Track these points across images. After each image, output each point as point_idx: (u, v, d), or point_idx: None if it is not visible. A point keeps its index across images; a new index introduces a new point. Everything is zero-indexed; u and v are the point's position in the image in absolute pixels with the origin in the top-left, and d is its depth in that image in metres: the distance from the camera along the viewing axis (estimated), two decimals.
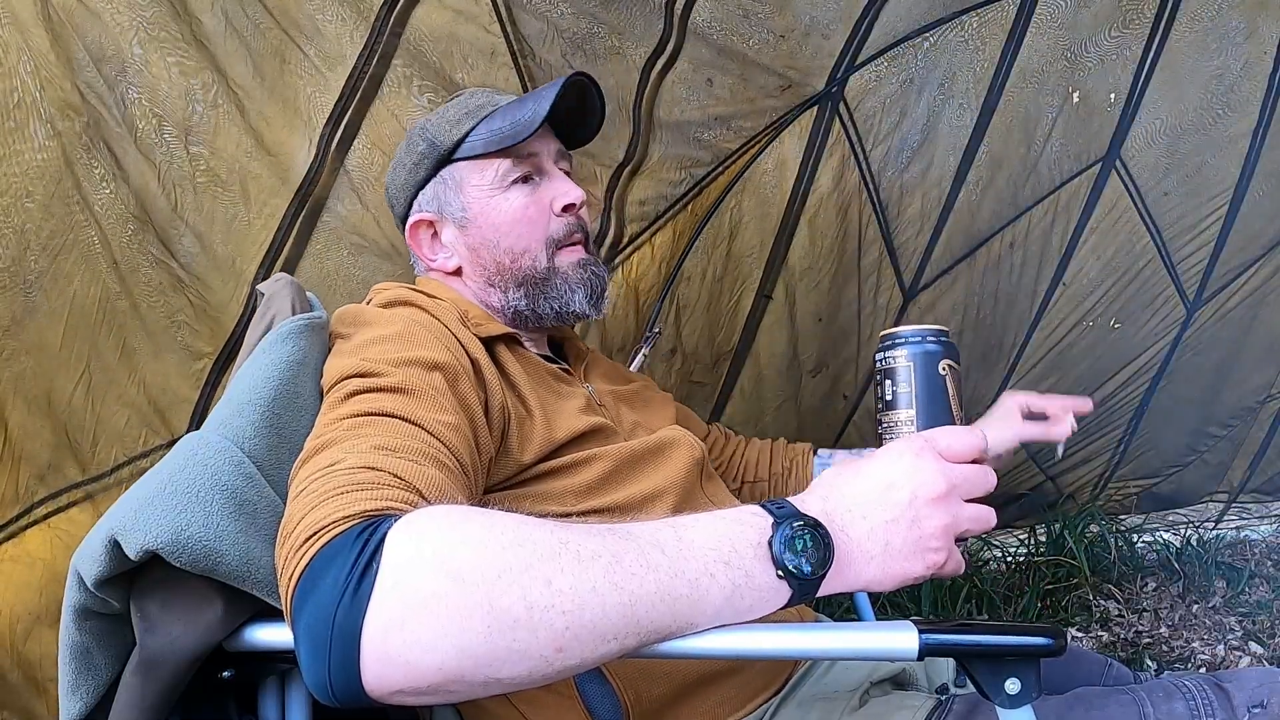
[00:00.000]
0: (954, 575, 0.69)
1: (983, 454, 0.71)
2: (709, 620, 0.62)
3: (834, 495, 0.68)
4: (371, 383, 0.80)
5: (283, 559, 0.62)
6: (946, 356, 0.74)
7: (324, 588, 0.57)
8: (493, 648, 0.55)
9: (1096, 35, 2.13)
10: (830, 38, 1.85)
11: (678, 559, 0.61)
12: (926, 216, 2.25)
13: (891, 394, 0.75)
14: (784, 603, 0.64)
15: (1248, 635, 2.53)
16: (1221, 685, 0.79)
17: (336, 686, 0.56)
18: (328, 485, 0.65)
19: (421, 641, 0.54)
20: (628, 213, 1.86)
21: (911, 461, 0.67)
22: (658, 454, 1.01)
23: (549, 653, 0.56)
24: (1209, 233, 2.54)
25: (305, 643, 0.57)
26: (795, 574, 0.63)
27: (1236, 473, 3.19)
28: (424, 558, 0.56)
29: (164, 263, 1.36)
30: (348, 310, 1.00)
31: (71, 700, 0.75)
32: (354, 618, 0.55)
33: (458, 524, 0.59)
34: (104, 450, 1.38)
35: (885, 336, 0.77)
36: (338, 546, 0.58)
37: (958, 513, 0.67)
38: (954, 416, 0.76)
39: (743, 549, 0.63)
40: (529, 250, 1.08)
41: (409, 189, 1.13)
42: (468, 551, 0.56)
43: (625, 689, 0.86)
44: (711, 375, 2.20)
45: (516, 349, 1.04)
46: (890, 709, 0.88)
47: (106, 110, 1.27)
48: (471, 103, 1.11)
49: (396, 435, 0.73)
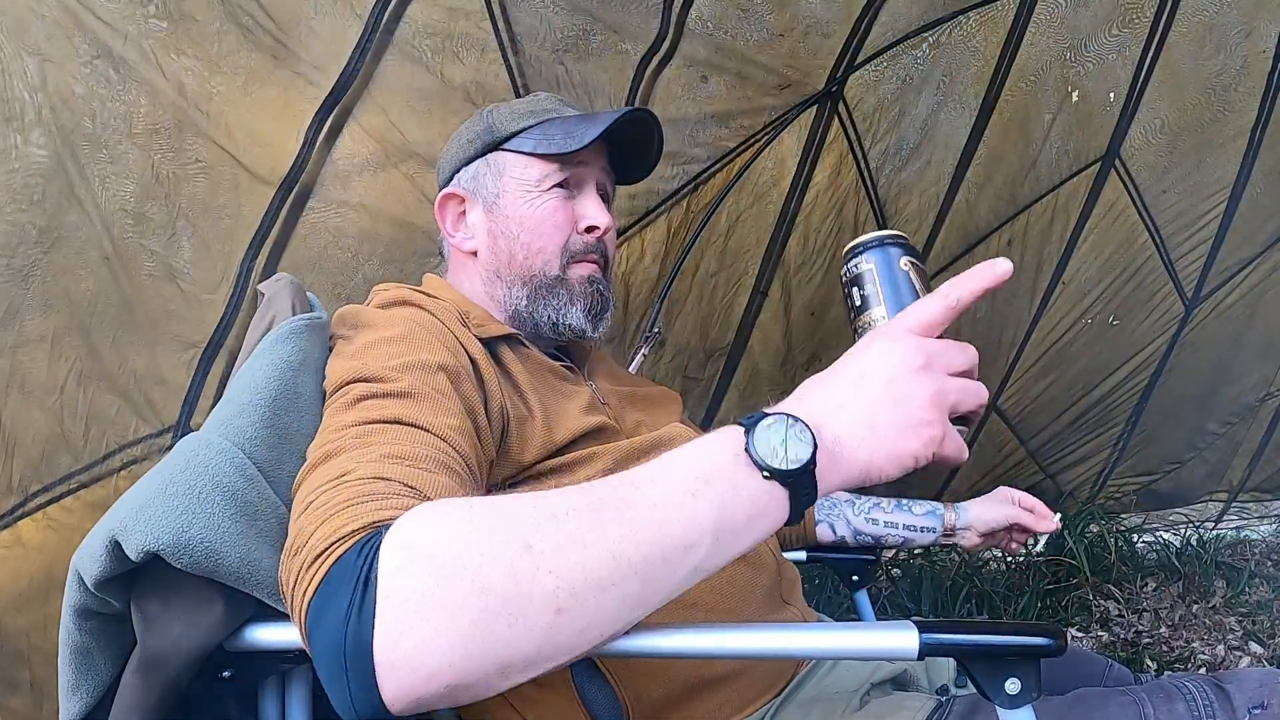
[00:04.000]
0: (957, 461, 0.65)
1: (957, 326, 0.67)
2: (709, 542, 0.59)
3: (808, 396, 0.65)
4: (377, 388, 0.80)
5: (294, 575, 0.62)
6: (906, 254, 0.73)
7: (333, 608, 0.57)
8: (492, 631, 0.55)
9: (1096, 34, 2.13)
10: (830, 37, 1.85)
11: (655, 489, 0.60)
12: (924, 214, 2.25)
13: (860, 298, 0.74)
14: (786, 506, 0.61)
15: (1248, 635, 2.53)
16: (1222, 686, 0.79)
17: (359, 706, 0.56)
18: (338, 497, 0.65)
19: (426, 644, 0.54)
20: (616, 206, 1.86)
21: (881, 345, 0.65)
22: (657, 450, 1.00)
23: (549, 618, 0.56)
24: (1207, 230, 2.55)
25: (324, 667, 0.57)
26: (783, 470, 0.59)
27: (1236, 471, 3.19)
28: (411, 559, 0.56)
29: (155, 252, 1.38)
30: (348, 311, 0.99)
31: (72, 701, 0.75)
32: (363, 635, 0.55)
33: (439, 519, 0.59)
34: (95, 439, 1.39)
35: (848, 250, 0.76)
36: (345, 563, 0.58)
37: (942, 383, 0.63)
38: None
39: (721, 463, 0.61)
40: (544, 252, 1.09)
41: (456, 162, 1.15)
42: (448, 543, 0.56)
43: (625, 690, 0.85)
44: (704, 371, 2.20)
45: (518, 348, 1.03)
46: (890, 710, 0.88)
47: (101, 103, 1.28)
48: (539, 105, 1.13)
49: (405, 442, 0.73)
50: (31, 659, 1.39)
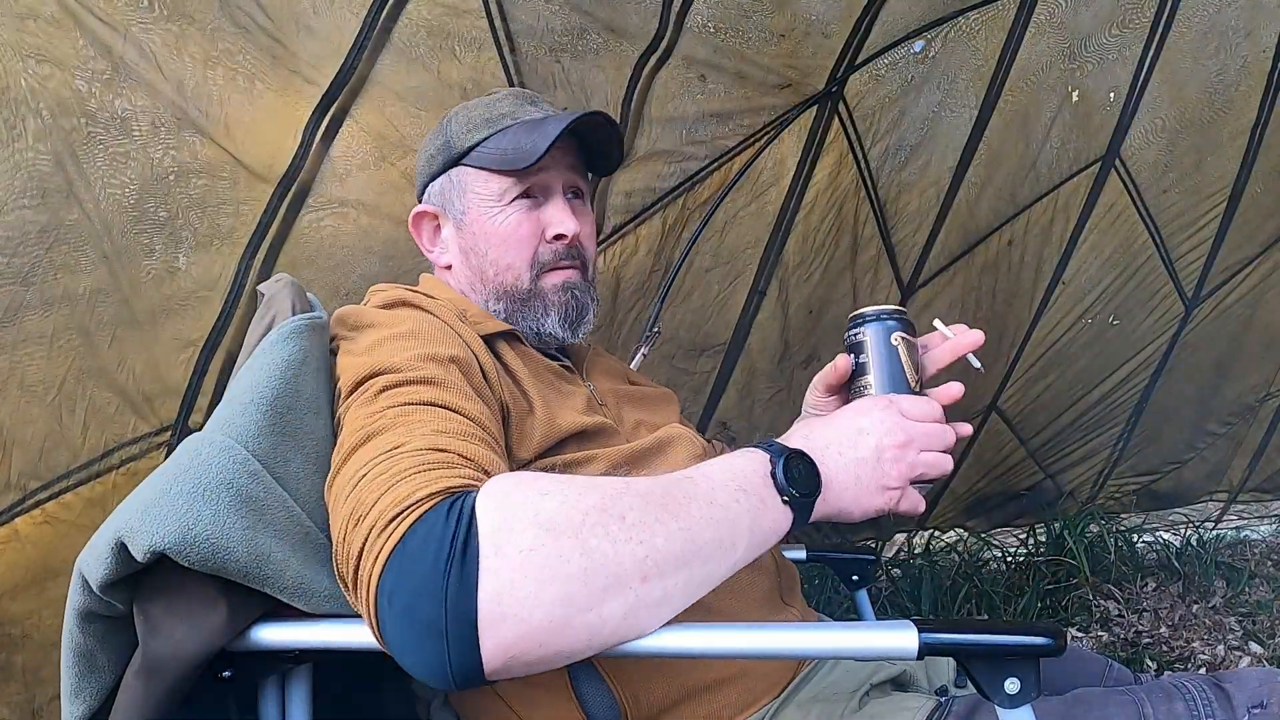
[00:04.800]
0: (911, 514, 0.82)
1: (940, 418, 0.83)
2: (744, 542, 0.69)
3: (815, 436, 0.79)
4: (400, 378, 0.81)
5: (360, 543, 0.63)
6: (899, 330, 0.87)
7: (425, 565, 0.59)
8: (590, 587, 0.59)
9: (1096, 34, 2.13)
10: (830, 37, 1.85)
11: (708, 489, 0.69)
12: (925, 214, 2.25)
13: (857, 364, 0.89)
14: (788, 526, 0.73)
15: (1248, 635, 2.53)
16: (1221, 685, 0.79)
17: (457, 665, 0.58)
18: (399, 466, 0.67)
19: (530, 596, 0.58)
20: (612, 204, 1.86)
21: (879, 414, 0.80)
22: (658, 451, 1.01)
23: (636, 584, 0.62)
24: (1207, 230, 2.54)
25: (412, 624, 0.59)
26: (795, 498, 0.72)
27: (1236, 471, 3.19)
28: (515, 517, 0.60)
29: (154, 251, 1.38)
30: (348, 311, 0.99)
31: (74, 703, 0.74)
32: (467, 590, 0.57)
33: (532, 485, 0.64)
34: (94, 437, 1.40)
35: (851, 317, 0.91)
36: (431, 522, 0.61)
37: (914, 460, 0.79)
38: (908, 380, 0.87)
39: (754, 479, 0.72)
40: (513, 267, 1.08)
41: (424, 177, 1.15)
42: (551, 504, 0.61)
43: (623, 691, 0.85)
44: (695, 365, 2.19)
45: (517, 345, 1.04)
46: (890, 710, 0.88)
47: (100, 102, 1.28)
48: (494, 110, 1.10)
49: (445, 421, 0.76)
50: (24, 646, 1.39)
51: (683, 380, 2.18)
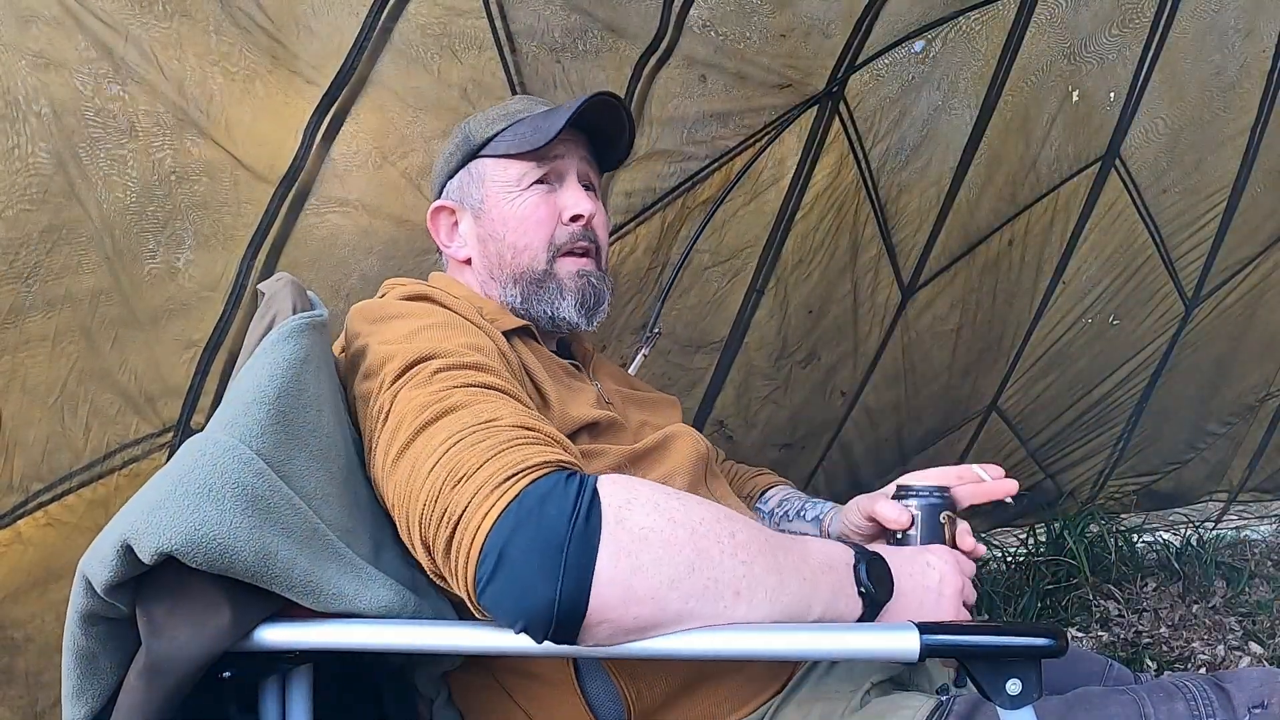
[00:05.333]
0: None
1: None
2: (818, 611, 0.73)
3: (893, 556, 0.85)
4: (455, 361, 0.83)
5: (469, 498, 0.66)
6: (945, 509, 0.95)
7: (550, 516, 0.62)
8: (693, 581, 0.64)
9: (1096, 34, 2.13)
10: (831, 37, 1.85)
11: (803, 550, 0.75)
12: (925, 214, 2.25)
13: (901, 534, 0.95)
14: (855, 618, 0.76)
15: (1248, 635, 2.53)
16: (1222, 685, 0.79)
17: (563, 611, 0.61)
18: (499, 437, 0.70)
19: (644, 568, 0.62)
20: (612, 204, 1.86)
21: (943, 556, 0.87)
22: (662, 448, 1.03)
23: (729, 596, 0.66)
24: (1207, 230, 2.54)
25: (525, 572, 0.61)
26: (870, 594, 0.77)
27: (1236, 471, 3.19)
28: (639, 500, 0.66)
29: (155, 251, 1.38)
30: (371, 305, 1.00)
31: (76, 706, 0.74)
32: (589, 542, 0.62)
33: (647, 484, 0.70)
34: (96, 438, 1.40)
35: (903, 485, 0.97)
36: (550, 484, 0.65)
37: (959, 604, 0.86)
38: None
39: (840, 563, 0.77)
40: (530, 248, 1.10)
41: (443, 176, 1.19)
42: (672, 501, 0.67)
43: (627, 686, 0.86)
44: (691, 361, 2.19)
45: (530, 343, 1.06)
46: (890, 709, 0.88)
47: (101, 102, 1.28)
48: (511, 107, 1.16)
49: (515, 404, 0.79)
50: (26, 650, 1.40)
51: (678, 376, 2.18)
